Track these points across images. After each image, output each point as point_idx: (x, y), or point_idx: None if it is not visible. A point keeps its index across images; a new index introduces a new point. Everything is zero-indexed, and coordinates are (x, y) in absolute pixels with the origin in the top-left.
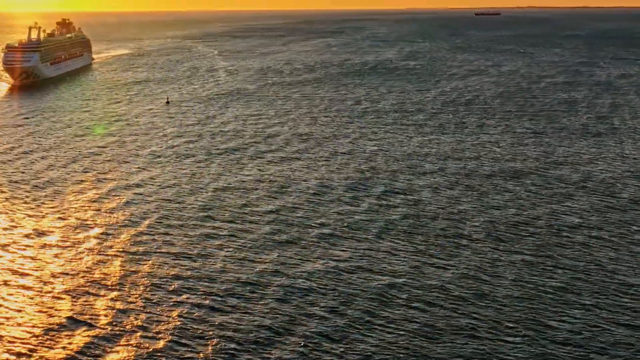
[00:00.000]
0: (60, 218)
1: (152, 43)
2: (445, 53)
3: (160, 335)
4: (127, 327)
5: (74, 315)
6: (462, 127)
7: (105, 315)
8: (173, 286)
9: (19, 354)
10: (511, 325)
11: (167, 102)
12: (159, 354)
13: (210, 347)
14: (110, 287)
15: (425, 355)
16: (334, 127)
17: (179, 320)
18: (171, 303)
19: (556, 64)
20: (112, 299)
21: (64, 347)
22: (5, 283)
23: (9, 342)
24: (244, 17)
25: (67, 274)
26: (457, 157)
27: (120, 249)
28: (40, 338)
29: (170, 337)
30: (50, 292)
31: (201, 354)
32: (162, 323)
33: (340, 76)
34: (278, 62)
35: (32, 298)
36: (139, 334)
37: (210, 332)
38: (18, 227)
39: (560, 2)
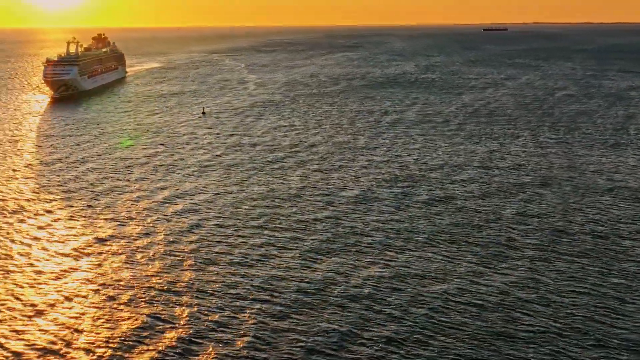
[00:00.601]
0: (120, 226)
1: (181, 57)
2: (460, 66)
3: (233, 338)
4: (202, 330)
5: (151, 319)
6: (488, 137)
7: (179, 319)
8: (239, 291)
9: (103, 354)
10: (571, 327)
11: (203, 113)
12: (233, 356)
13: (283, 349)
14: (179, 291)
15: (488, 358)
16: (367, 136)
17: (251, 323)
18: (240, 307)
19: (568, 77)
20: (183, 303)
21: (144, 349)
22: (81, 287)
23: (94, 342)
24: (266, 32)
25: (137, 278)
26: (488, 165)
27: (184, 255)
28: (122, 340)
29: (244, 339)
30: (123, 295)
31: (275, 356)
32: (234, 326)
33: (364, 88)
34: (304, 75)
35: (109, 300)
36: (213, 336)
37: (283, 335)
38: (82, 235)
39: (564, 18)
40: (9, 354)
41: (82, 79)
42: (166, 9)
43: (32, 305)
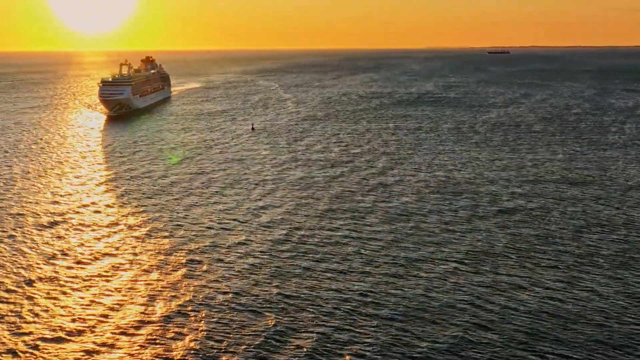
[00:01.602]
0: (214, 236)
1: (217, 78)
2: (475, 86)
3: (345, 347)
4: (317, 340)
5: (265, 328)
6: (525, 149)
7: (293, 328)
8: (343, 300)
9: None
10: None
11: (252, 129)
12: None
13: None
14: (288, 301)
15: None
16: (414, 150)
17: (360, 333)
18: (346, 316)
19: (577, 95)
20: (293, 314)
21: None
22: (193, 298)
23: (216, 352)
24: (289, 55)
25: (243, 288)
26: (535, 177)
27: (282, 266)
28: (244, 350)
29: (354, 348)
30: (232, 306)
31: None
32: (344, 335)
33: (395, 106)
34: (336, 94)
35: (222, 310)
36: (327, 345)
37: (394, 343)
38: (179, 247)
39: (558, 42)
40: None
41: (134, 98)
42: (194, 33)
43: (144, 318)
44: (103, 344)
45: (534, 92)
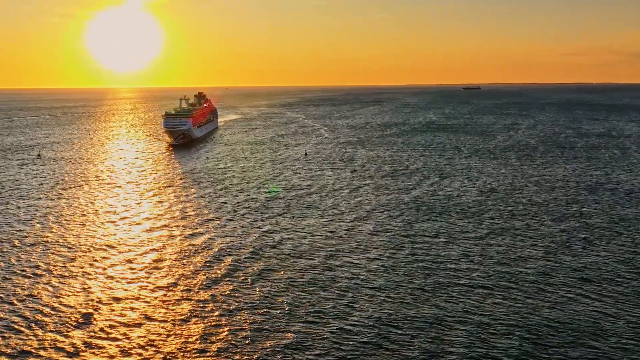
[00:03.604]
0: (336, 258)
1: (250, 110)
2: (470, 116)
3: None
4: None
5: (370, 342)
6: (547, 163)
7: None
8: (488, 316)
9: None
10: None
11: (306, 154)
12: None
13: None
14: (410, 321)
15: None
16: (457, 169)
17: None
18: (488, 333)
19: (556, 123)
20: (408, 332)
21: None
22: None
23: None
24: (295, 90)
25: (360, 308)
26: (576, 190)
27: (414, 288)
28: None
29: None
30: (332, 323)
31: None
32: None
33: (412, 132)
34: (358, 123)
35: (311, 324)
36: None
37: None
38: (307, 270)
39: (515, 79)
40: None
41: (194, 128)
42: (213, 72)
43: (296, 338)
44: None
45: (521, 121)
